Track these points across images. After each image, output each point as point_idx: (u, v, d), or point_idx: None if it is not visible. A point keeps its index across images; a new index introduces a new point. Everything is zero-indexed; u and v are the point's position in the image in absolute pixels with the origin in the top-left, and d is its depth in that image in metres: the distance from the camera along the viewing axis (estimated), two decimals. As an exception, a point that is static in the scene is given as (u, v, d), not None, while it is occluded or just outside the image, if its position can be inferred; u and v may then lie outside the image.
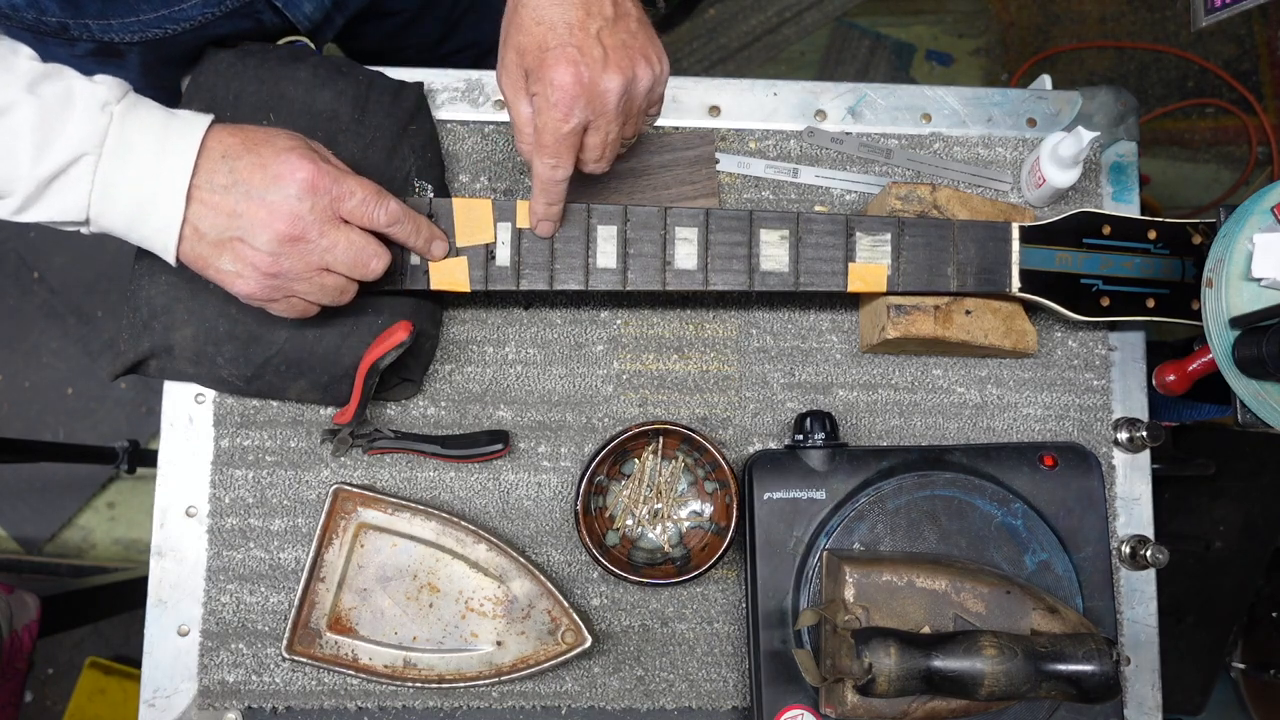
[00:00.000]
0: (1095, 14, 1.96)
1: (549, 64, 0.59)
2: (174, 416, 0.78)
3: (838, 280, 0.73)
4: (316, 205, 0.60)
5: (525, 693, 0.76)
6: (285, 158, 0.60)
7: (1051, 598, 0.66)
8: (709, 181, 0.81)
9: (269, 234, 0.59)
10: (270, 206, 0.59)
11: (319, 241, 0.61)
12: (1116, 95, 0.85)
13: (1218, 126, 1.94)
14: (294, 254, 0.61)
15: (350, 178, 0.62)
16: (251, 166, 0.60)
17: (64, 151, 0.57)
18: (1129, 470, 0.81)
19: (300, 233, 0.60)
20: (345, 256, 0.62)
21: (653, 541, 0.77)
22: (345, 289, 0.64)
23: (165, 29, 0.73)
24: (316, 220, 0.60)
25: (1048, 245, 0.74)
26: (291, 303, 0.64)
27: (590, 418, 0.79)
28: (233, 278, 0.61)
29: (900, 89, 0.85)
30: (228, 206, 0.59)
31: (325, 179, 0.60)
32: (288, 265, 0.61)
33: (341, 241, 0.62)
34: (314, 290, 0.63)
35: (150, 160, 0.59)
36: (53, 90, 0.57)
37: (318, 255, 0.61)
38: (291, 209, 0.59)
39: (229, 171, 0.59)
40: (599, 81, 0.59)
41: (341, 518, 0.75)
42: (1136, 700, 0.79)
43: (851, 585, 0.65)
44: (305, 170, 0.60)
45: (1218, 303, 0.67)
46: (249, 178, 0.59)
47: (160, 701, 0.75)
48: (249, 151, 0.60)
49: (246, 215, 0.59)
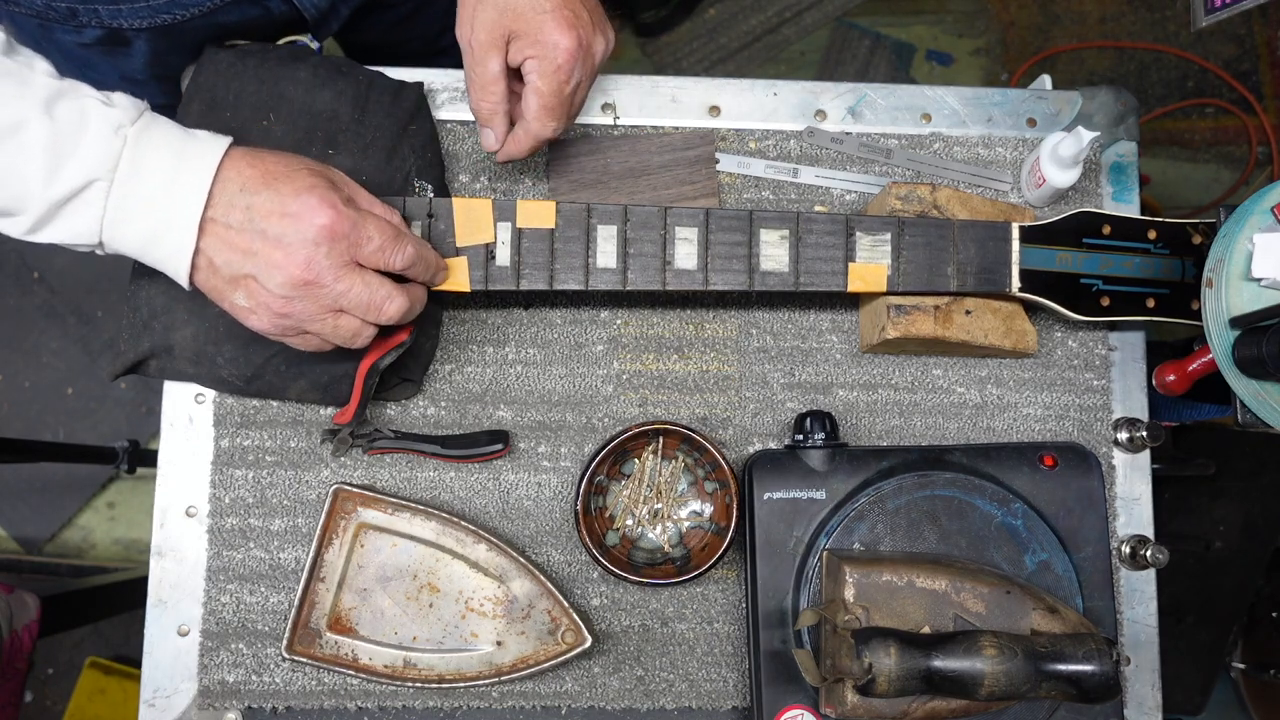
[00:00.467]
0: (1095, 14, 1.96)
1: (550, 27, 0.62)
2: (174, 416, 0.78)
3: (838, 280, 0.73)
4: (333, 251, 0.59)
5: (525, 693, 0.76)
6: (304, 199, 0.58)
7: (1051, 598, 0.66)
8: (709, 181, 0.81)
9: (283, 276, 0.58)
10: (286, 249, 0.58)
11: (334, 286, 0.59)
12: (1116, 95, 0.85)
13: (1218, 126, 1.94)
14: (308, 297, 0.59)
15: (369, 222, 0.61)
16: (269, 205, 0.58)
17: (75, 176, 0.56)
18: (1129, 470, 0.81)
19: (314, 278, 0.59)
20: (360, 300, 0.61)
21: (653, 541, 0.77)
22: (359, 331, 0.63)
23: (174, 14, 0.72)
24: (332, 266, 0.59)
25: (1048, 245, 0.74)
26: (306, 339, 0.63)
27: (590, 418, 0.79)
28: (246, 313, 0.61)
29: (900, 89, 0.85)
30: (243, 244, 0.58)
31: (344, 224, 0.59)
32: (300, 308, 0.60)
33: (357, 286, 0.60)
34: (327, 330, 0.62)
35: (163, 187, 0.57)
36: (67, 110, 0.56)
37: (331, 299, 0.60)
38: (308, 255, 0.58)
39: (245, 209, 0.58)
40: (592, 43, 0.64)
41: (341, 518, 0.75)
42: (1136, 700, 0.79)
43: (851, 585, 0.65)
44: (324, 216, 0.58)
45: (1218, 303, 0.67)
46: (265, 217, 0.58)
47: (160, 701, 0.75)
48: (267, 187, 0.58)
49: (261, 255, 0.58)
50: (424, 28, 1.01)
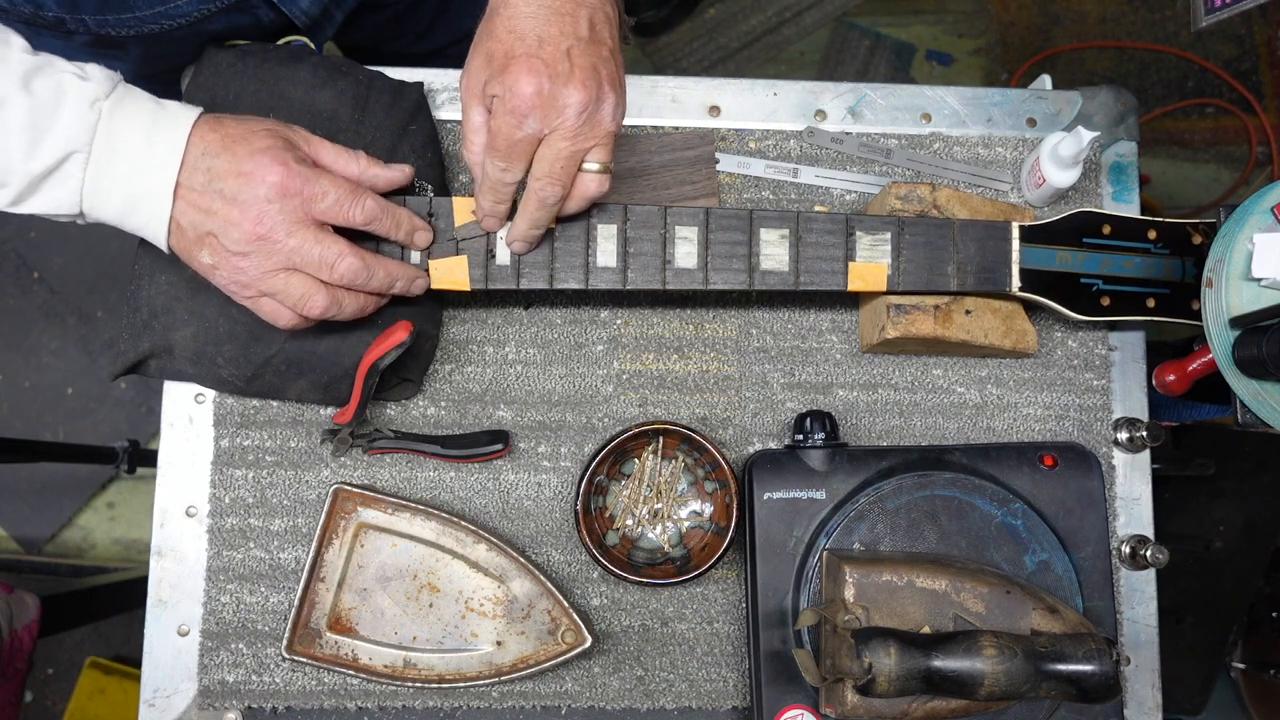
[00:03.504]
0: (1095, 14, 1.96)
1: (511, 70, 0.59)
2: (174, 416, 0.78)
3: (838, 280, 0.73)
4: (285, 208, 0.61)
5: (525, 693, 0.76)
6: (258, 158, 0.61)
7: (1051, 598, 0.66)
8: (709, 181, 0.81)
9: (238, 233, 0.61)
10: (241, 206, 0.61)
11: (285, 241, 0.62)
12: (1116, 95, 0.85)
13: (1218, 126, 1.94)
14: (260, 252, 0.62)
15: (322, 178, 0.63)
16: (226, 165, 0.61)
17: (54, 149, 0.58)
18: (1129, 470, 0.81)
19: (266, 232, 0.61)
20: (311, 257, 0.63)
21: (653, 541, 0.77)
22: (310, 292, 0.64)
23: (161, 24, 0.73)
24: (284, 221, 0.61)
25: (1048, 245, 0.74)
26: (262, 303, 0.65)
27: (590, 418, 0.79)
28: (210, 270, 0.64)
29: (900, 89, 0.85)
30: (204, 204, 0.61)
31: (295, 181, 0.61)
32: (254, 264, 0.62)
33: (308, 242, 0.62)
34: (280, 289, 0.63)
35: (137, 157, 0.60)
36: (44, 86, 0.58)
37: (284, 256, 0.62)
38: (259, 210, 0.61)
39: (206, 170, 0.61)
40: (559, 95, 0.59)
41: (341, 518, 0.75)
42: (1136, 700, 0.79)
43: (851, 585, 0.65)
44: (275, 174, 0.61)
45: (1218, 303, 0.67)
46: (223, 177, 0.61)
47: (160, 701, 0.75)
48: (225, 150, 0.61)
49: (220, 214, 0.61)
50: (415, 25, 1.01)
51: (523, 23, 0.59)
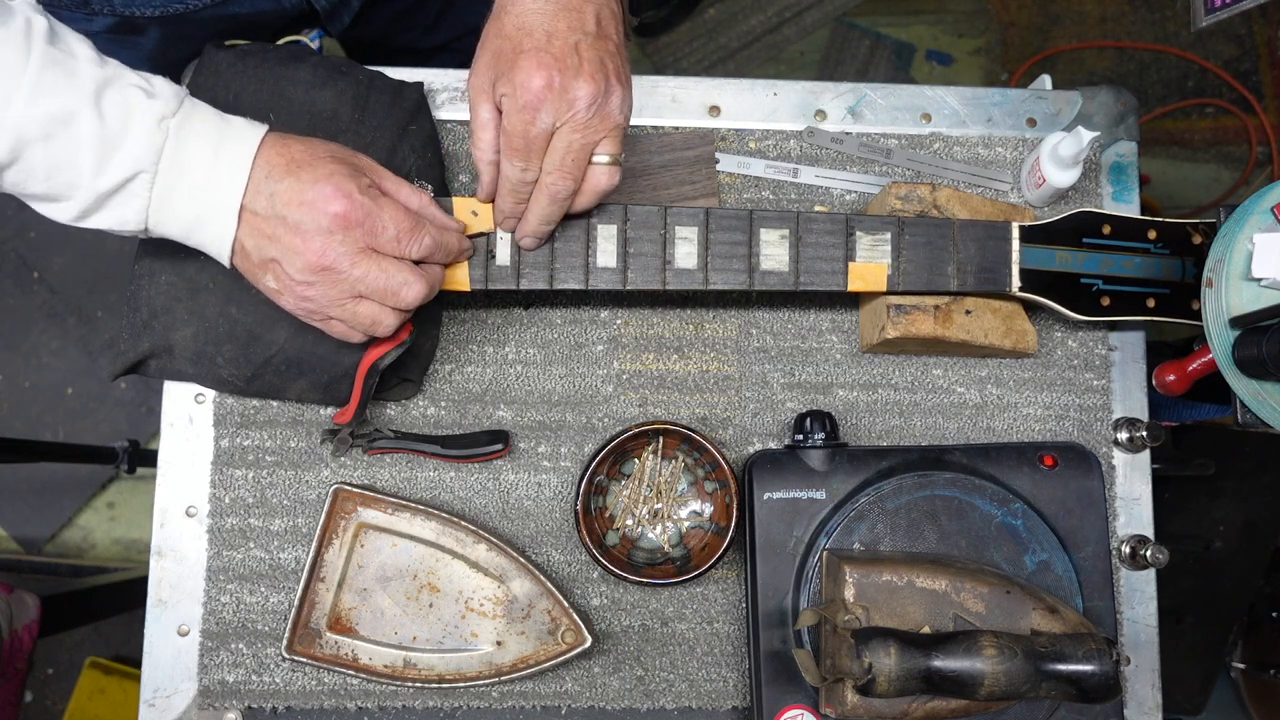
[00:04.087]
0: (1095, 14, 1.96)
1: (520, 66, 0.59)
2: (174, 416, 0.78)
3: (838, 280, 0.73)
4: (347, 239, 0.60)
5: (525, 693, 0.76)
6: (320, 187, 0.60)
7: (1051, 598, 0.66)
8: (709, 181, 0.81)
9: (301, 262, 0.60)
10: (303, 236, 0.60)
11: (350, 272, 0.61)
12: (1116, 95, 0.85)
13: (1218, 126, 1.94)
14: (326, 282, 0.61)
15: (384, 211, 0.62)
16: (289, 192, 0.60)
17: (122, 168, 0.57)
18: (1129, 470, 0.81)
19: (330, 264, 0.60)
20: (377, 286, 0.62)
21: (653, 541, 0.77)
22: (379, 319, 0.64)
23: (186, 4, 0.73)
24: (347, 253, 0.60)
25: (1048, 245, 0.74)
26: (333, 325, 0.64)
27: (590, 418, 0.79)
28: (276, 295, 0.63)
29: (900, 89, 0.85)
30: (267, 230, 0.60)
31: (357, 213, 0.60)
32: (320, 292, 0.61)
33: (373, 272, 0.61)
34: (348, 316, 0.63)
35: (203, 177, 0.59)
36: (113, 103, 0.57)
37: (349, 285, 0.61)
38: (323, 242, 0.60)
39: (269, 195, 0.60)
40: (570, 88, 0.59)
41: (341, 518, 0.75)
42: (1136, 700, 0.79)
43: (851, 585, 0.65)
44: (338, 205, 0.60)
45: (1218, 303, 0.67)
46: (286, 204, 0.60)
47: (160, 701, 0.75)
48: (289, 174, 0.60)
49: (283, 241, 0.60)
50: (423, 18, 1.01)
51: (530, 19, 0.60)
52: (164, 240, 0.65)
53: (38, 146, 0.56)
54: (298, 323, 0.70)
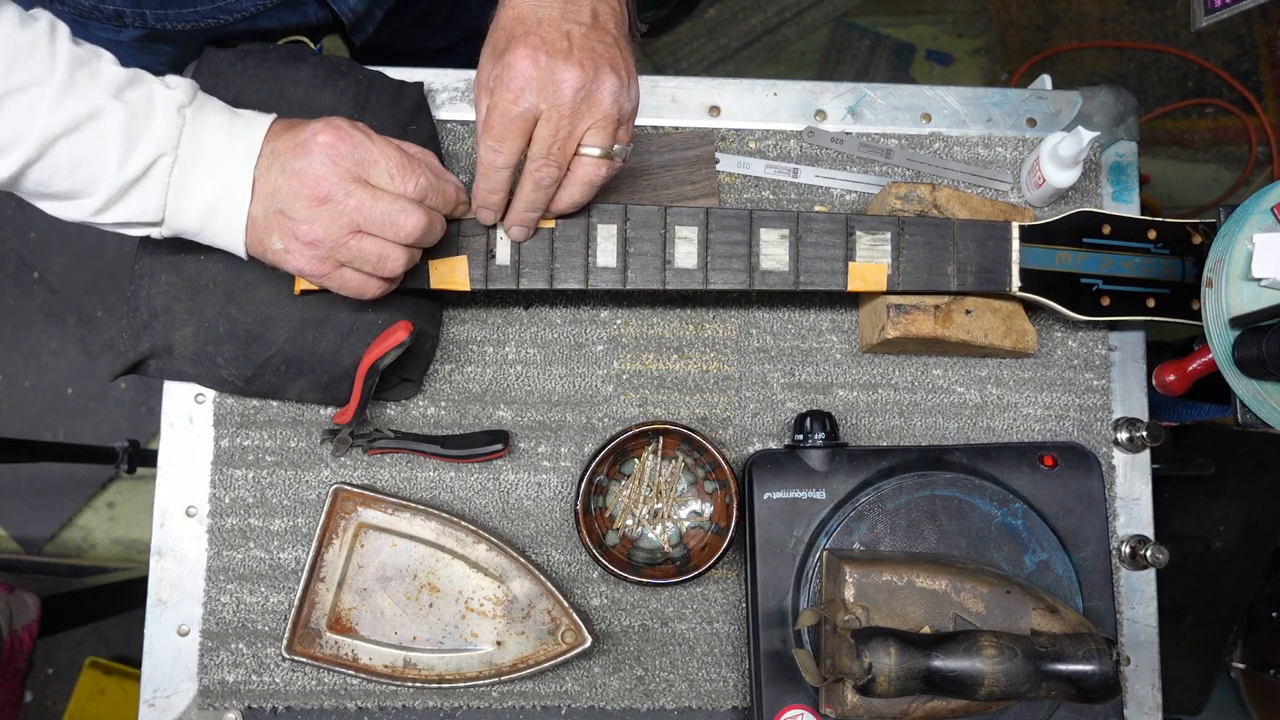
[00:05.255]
0: (1095, 14, 1.96)
1: (510, 50, 0.60)
2: (174, 416, 0.78)
3: (838, 279, 0.73)
4: (338, 167, 0.61)
5: (525, 693, 0.76)
6: (312, 127, 0.62)
7: (1051, 598, 0.66)
8: (709, 181, 0.81)
9: (299, 200, 0.61)
10: (298, 174, 0.61)
11: (345, 201, 0.61)
12: (1116, 95, 0.85)
13: (1218, 126, 1.94)
14: (324, 216, 0.61)
15: (374, 144, 0.62)
16: (286, 145, 0.62)
17: (146, 153, 0.60)
18: (1129, 470, 0.81)
19: (325, 193, 0.61)
20: (374, 216, 0.62)
21: (653, 541, 0.77)
22: (385, 254, 0.63)
23: (219, 19, 0.75)
24: (340, 180, 0.61)
25: (1048, 245, 0.74)
26: (344, 275, 0.64)
27: (590, 418, 0.79)
28: (284, 255, 0.63)
29: (900, 89, 0.85)
30: (269, 186, 0.62)
31: (346, 142, 0.61)
32: (321, 230, 0.61)
33: (367, 200, 0.61)
34: (354, 256, 0.63)
35: (219, 158, 0.62)
36: (137, 95, 0.60)
37: (347, 216, 0.61)
38: (315, 172, 0.61)
39: (271, 154, 0.62)
40: (556, 70, 0.59)
41: (341, 518, 0.75)
42: (1136, 700, 0.79)
43: (851, 585, 0.65)
44: (326, 135, 0.61)
45: (1218, 303, 0.67)
46: (283, 155, 0.62)
47: (160, 701, 0.75)
48: (288, 133, 0.63)
49: (283, 188, 0.62)
50: (433, 21, 1.01)
51: (525, 9, 0.61)
52: (165, 240, 0.65)
53: (63, 142, 0.58)
54: (298, 322, 0.70)
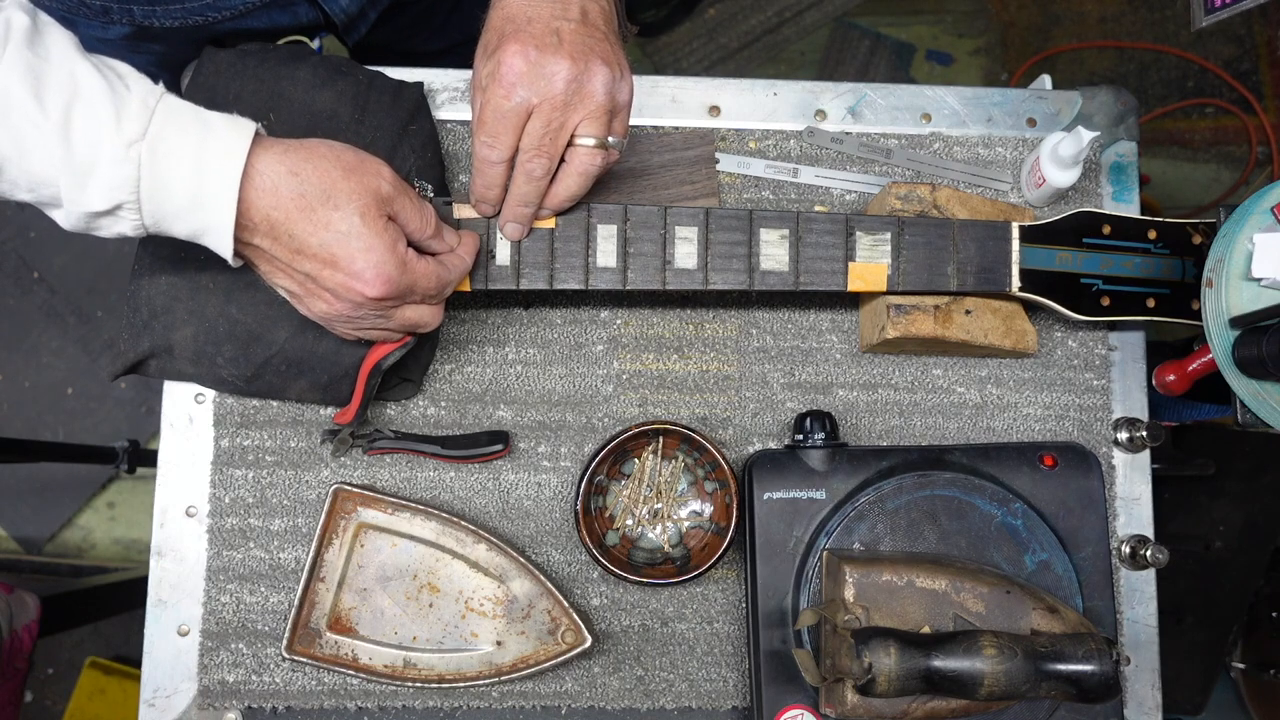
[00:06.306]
0: (1095, 14, 1.96)
1: (501, 48, 0.61)
2: (174, 416, 0.78)
3: (838, 280, 0.73)
4: (380, 305, 0.64)
5: (525, 693, 0.76)
6: (355, 263, 0.60)
7: (1051, 598, 0.66)
8: (709, 181, 0.81)
9: (332, 311, 0.65)
10: (336, 296, 0.64)
11: (376, 322, 0.66)
12: (1116, 95, 0.85)
13: (1218, 126, 1.94)
14: (345, 321, 0.66)
15: (416, 279, 0.63)
16: (315, 245, 0.61)
17: (100, 198, 0.54)
18: (1129, 470, 0.81)
19: (357, 319, 0.65)
20: (401, 324, 0.67)
21: (653, 541, 0.77)
22: (390, 336, 0.68)
23: (206, 16, 0.74)
24: (379, 312, 0.65)
25: (1048, 245, 0.74)
26: (337, 327, 0.68)
27: (590, 418, 0.79)
28: (291, 297, 0.66)
29: (900, 89, 0.85)
30: (296, 275, 0.64)
31: (394, 292, 0.63)
32: (341, 317, 0.65)
33: (397, 316, 0.66)
34: (361, 334, 0.68)
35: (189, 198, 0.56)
36: (79, 130, 0.53)
37: (370, 321, 0.66)
38: (353, 307, 0.64)
39: (288, 237, 0.60)
40: (546, 64, 0.60)
41: (341, 518, 0.75)
42: (1136, 700, 0.79)
43: (851, 585, 0.65)
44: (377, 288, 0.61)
45: (1218, 303, 0.67)
46: (313, 258, 0.62)
47: (160, 701, 0.75)
48: (305, 216, 0.59)
49: (314, 285, 0.64)
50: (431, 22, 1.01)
51: (515, 8, 0.62)
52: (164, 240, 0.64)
53: (13, 164, 0.53)
54: (298, 323, 0.70)
